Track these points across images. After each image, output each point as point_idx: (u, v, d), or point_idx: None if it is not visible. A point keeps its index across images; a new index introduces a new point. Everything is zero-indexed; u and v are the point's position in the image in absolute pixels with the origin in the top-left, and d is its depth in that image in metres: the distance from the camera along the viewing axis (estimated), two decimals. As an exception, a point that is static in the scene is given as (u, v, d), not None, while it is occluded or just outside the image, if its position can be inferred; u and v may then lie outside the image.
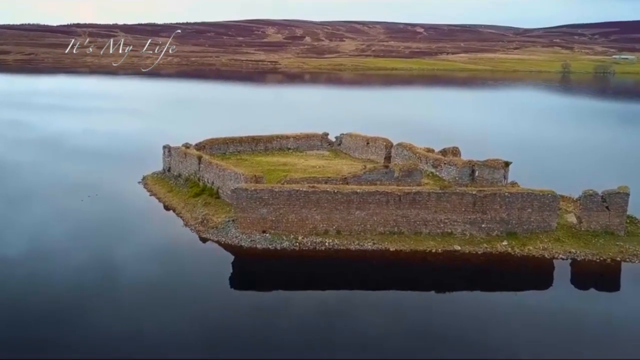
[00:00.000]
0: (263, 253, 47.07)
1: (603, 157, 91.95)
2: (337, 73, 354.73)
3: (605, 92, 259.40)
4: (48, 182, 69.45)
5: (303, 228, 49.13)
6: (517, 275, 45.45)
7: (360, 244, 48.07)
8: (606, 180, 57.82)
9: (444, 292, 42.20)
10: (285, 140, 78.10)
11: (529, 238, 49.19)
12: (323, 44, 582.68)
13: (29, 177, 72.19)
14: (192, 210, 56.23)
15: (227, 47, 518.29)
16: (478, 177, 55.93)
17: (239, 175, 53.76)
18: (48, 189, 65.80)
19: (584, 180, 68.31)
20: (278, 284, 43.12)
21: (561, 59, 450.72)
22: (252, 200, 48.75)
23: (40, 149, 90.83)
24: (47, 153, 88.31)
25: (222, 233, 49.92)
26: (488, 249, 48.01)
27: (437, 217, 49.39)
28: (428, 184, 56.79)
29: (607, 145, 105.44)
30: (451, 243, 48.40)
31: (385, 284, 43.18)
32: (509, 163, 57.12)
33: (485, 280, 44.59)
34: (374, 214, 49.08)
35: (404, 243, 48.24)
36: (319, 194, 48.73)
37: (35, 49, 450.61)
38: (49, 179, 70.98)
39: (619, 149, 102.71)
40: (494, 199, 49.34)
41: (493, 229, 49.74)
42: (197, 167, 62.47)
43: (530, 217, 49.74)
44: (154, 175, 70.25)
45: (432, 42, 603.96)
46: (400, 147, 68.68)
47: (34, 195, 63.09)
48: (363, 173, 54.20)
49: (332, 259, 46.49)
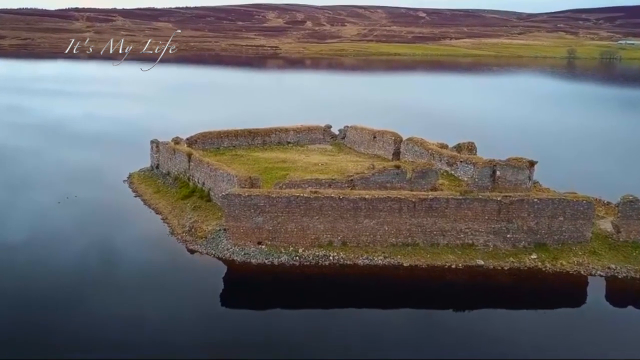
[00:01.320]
0: (258, 269, 41.14)
1: (636, 151, 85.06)
2: (338, 58, 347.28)
3: (617, 78, 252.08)
4: (25, 178, 63.51)
5: (304, 239, 43.16)
6: (549, 294, 39.60)
7: (370, 258, 42.11)
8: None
9: (465, 314, 36.60)
10: (285, 134, 71.87)
11: (561, 251, 43.29)
12: (324, 28, 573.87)
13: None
14: (179, 216, 50.27)
15: (226, 32, 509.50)
16: (500, 178, 49.77)
17: (232, 177, 47.71)
18: (22, 188, 59.74)
19: (614, 180, 62.81)
20: (275, 305, 37.24)
21: (566, 45, 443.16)
22: (246, 207, 42.74)
23: (23, 137, 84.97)
24: (30, 142, 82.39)
25: (212, 245, 43.96)
26: (515, 263, 42.09)
27: (457, 227, 43.43)
28: (443, 184, 50.81)
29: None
30: (473, 257, 42.43)
31: (398, 305, 37.55)
32: (534, 163, 50.73)
33: (513, 302, 38.65)
34: (384, 223, 43.10)
35: (419, 257, 42.29)
36: (322, 201, 42.74)
37: (32, 34, 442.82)
38: (27, 174, 65.09)
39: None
40: (521, 205, 43.36)
41: (520, 240, 43.80)
42: (187, 165, 56.45)
43: (561, 227, 43.79)
44: (141, 172, 64.33)
45: (435, 27, 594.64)
46: (410, 142, 62.52)
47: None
48: (371, 174, 48.11)
49: (337, 275, 40.60)
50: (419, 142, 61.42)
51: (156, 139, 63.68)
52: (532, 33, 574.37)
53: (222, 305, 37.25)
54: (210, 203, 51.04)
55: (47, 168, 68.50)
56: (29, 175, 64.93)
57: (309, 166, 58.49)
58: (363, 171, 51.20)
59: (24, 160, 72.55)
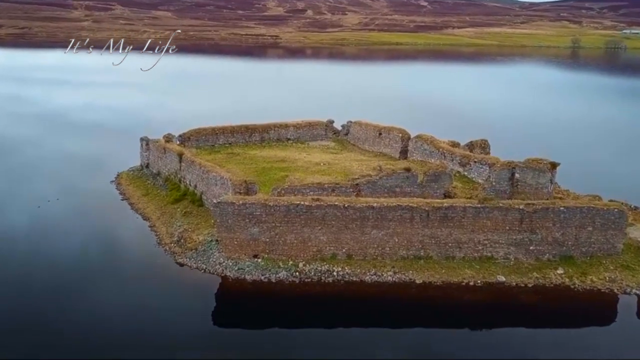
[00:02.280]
0: (254, 286, 36.80)
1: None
2: (339, 48, 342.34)
3: (625, 68, 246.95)
4: (7, 175, 59.32)
5: (305, 252, 38.85)
6: (578, 315, 35.42)
7: (378, 273, 37.79)
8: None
9: (485, 338, 32.36)
10: (285, 130, 67.27)
11: (590, 264, 38.99)
12: (325, 17, 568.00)
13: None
14: (168, 223, 45.91)
15: (226, 21, 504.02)
16: (519, 181, 45.31)
17: (226, 181, 43.32)
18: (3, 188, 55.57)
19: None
20: (272, 327, 33.04)
21: (569, 34, 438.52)
22: (240, 217, 38.37)
23: (7, 128, 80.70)
24: (16, 134, 78.28)
25: (202, 258, 39.60)
26: (540, 279, 37.77)
27: (475, 238, 39.10)
28: (456, 187, 46.46)
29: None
30: (493, 272, 38.12)
31: (409, 327, 33.39)
32: (557, 165, 46.15)
33: (538, 324, 34.24)
34: (394, 234, 38.76)
35: (433, 272, 37.98)
36: (325, 209, 38.37)
37: (30, 23, 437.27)
38: (10, 171, 60.96)
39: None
40: (545, 214, 39.00)
41: (544, 252, 39.50)
42: (178, 165, 52.10)
43: (590, 238, 39.48)
44: (131, 172, 60.06)
45: (436, 16, 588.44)
46: (419, 140, 57.98)
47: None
48: (379, 177, 43.74)
49: (342, 294, 36.27)
50: (429, 139, 56.93)
51: (146, 137, 59.35)
52: (535, 22, 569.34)
53: (213, 326, 33.18)
54: (203, 208, 46.74)
55: (31, 166, 64.11)
56: (12, 172, 60.75)
57: (310, 166, 54.06)
58: (369, 173, 46.83)
59: (8, 154, 68.31)
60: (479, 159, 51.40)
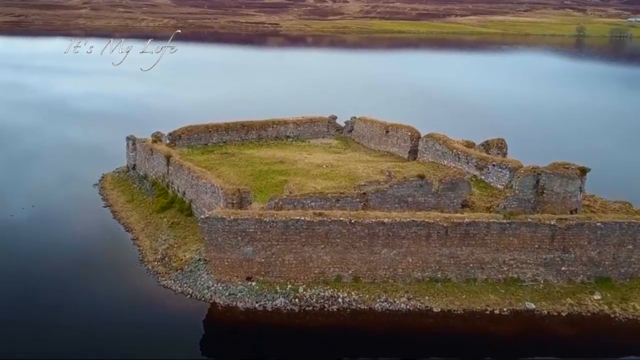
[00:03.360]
0: (246, 316, 32.02)
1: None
2: (340, 36, 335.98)
3: (634, 57, 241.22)
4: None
5: (305, 274, 34.06)
6: (622, 350, 30.73)
7: (389, 299, 33.02)
8: None
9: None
10: (284, 127, 62.13)
11: (630, 288, 34.35)
12: (326, 5, 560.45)
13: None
14: (153, 235, 41.07)
15: (226, 9, 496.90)
16: (546, 189, 40.38)
17: (217, 189, 38.43)
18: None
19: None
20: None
21: (574, 22, 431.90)
22: (231, 234, 33.52)
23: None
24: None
25: (188, 280, 34.80)
26: (574, 306, 33.04)
27: (499, 258, 34.33)
28: (473, 194, 41.53)
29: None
30: (520, 297, 33.40)
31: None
32: (587, 170, 41.12)
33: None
34: (408, 253, 33.98)
35: (452, 298, 33.24)
36: (329, 225, 33.54)
37: (26, 10, 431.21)
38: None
39: None
40: (580, 231, 34.23)
41: (577, 274, 34.78)
42: (166, 169, 47.23)
43: (630, 257, 34.78)
44: (116, 174, 55.26)
45: (439, 4, 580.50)
46: (431, 139, 52.83)
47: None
48: (389, 186, 38.84)
49: (348, 325, 31.57)
50: (442, 139, 51.79)
51: (132, 135, 54.39)
52: (538, 10, 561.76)
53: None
54: (192, 218, 41.92)
55: (13, 167, 59.28)
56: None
57: (311, 169, 49.03)
58: (377, 179, 42.04)
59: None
60: (497, 161, 46.25)
